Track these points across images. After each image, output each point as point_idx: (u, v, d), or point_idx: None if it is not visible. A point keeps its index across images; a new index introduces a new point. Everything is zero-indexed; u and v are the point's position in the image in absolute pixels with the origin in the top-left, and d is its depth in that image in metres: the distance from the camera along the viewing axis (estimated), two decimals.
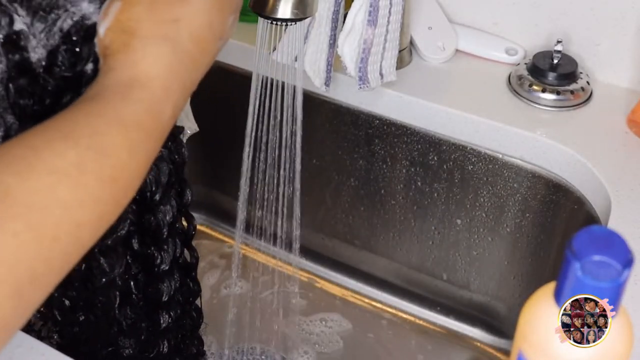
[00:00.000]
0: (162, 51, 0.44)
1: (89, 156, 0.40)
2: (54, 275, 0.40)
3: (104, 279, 0.59)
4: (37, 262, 0.38)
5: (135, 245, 0.61)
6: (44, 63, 0.49)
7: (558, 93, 0.88)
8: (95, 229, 0.42)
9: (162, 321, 0.65)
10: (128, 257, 0.61)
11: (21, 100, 0.50)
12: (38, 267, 0.38)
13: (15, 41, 0.48)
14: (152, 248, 0.62)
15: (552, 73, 0.88)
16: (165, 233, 0.61)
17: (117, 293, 0.61)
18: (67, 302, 0.62)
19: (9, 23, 0.48)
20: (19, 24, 0.48)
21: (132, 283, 0.62)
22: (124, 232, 0.58)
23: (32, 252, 0.38)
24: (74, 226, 0.40)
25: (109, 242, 0.57)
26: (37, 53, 0.49)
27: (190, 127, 0.71)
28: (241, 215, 0.87)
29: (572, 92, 0.88)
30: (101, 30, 0.46)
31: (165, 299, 0.64)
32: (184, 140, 0.65)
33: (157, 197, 0.59)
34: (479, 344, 0.99)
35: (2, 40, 0.48)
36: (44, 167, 0.39)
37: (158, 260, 0.62)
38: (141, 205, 0.59)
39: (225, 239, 1.11)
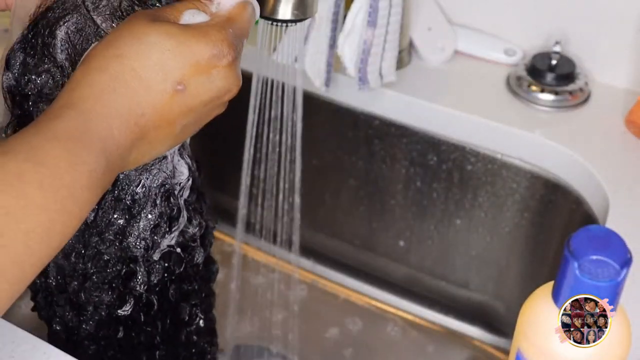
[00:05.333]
0: (97, 79, 0.46)
1: (28, 167, 0.42)
2: (4, 282, 0.41)
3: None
4: None
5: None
6: None
7: (556, 93, 0.88)
8: (46, 236, 0.42)
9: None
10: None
11: None
12: None
13: None
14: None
15: (550, 74, 0.89)
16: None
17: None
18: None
19: None
20: None
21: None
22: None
23: None
24: (20, 233, 0.41)
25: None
26: None
27: None
28: (242, 214, 0.87)
29: (570, 92, 0.88)
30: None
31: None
32: None
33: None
34: (477, 343, 0.99)
35: None
36: None
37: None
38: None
39: (226, 238, 1.11)
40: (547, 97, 0.88)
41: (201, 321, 0.66)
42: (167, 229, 0.58)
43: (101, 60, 0.46)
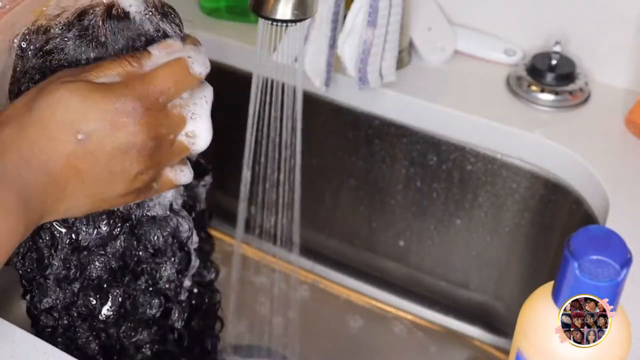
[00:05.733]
0: (7, 131, 0.49)
1: None
2: None
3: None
4: None
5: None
6: None
7: (556, 93, 0.88)
8: None
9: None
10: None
11: None
12: None
13: None
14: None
15: (550, 74, 0.89)
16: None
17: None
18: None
19: None
20: None
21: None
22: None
23: None
24: None
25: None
26: None
27: None
28: (242, 214, 0.87)
29: (570, 92, 0.88)
30: None
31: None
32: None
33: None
34: (477, 343, 0.99)
35: None
36: None
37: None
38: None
39: (226, 238, 1.12)
40: (547, 97, 0.88)
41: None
42: (186, 273, 0.64)
43: (14, 115, 0.50)
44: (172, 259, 0.62)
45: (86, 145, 0.49)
